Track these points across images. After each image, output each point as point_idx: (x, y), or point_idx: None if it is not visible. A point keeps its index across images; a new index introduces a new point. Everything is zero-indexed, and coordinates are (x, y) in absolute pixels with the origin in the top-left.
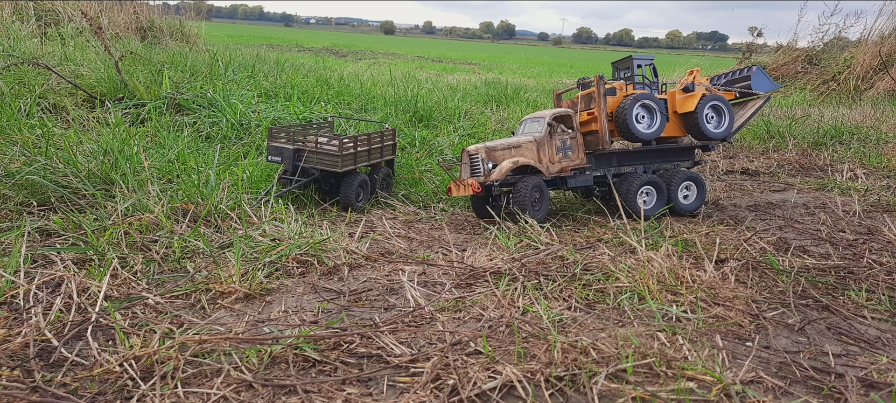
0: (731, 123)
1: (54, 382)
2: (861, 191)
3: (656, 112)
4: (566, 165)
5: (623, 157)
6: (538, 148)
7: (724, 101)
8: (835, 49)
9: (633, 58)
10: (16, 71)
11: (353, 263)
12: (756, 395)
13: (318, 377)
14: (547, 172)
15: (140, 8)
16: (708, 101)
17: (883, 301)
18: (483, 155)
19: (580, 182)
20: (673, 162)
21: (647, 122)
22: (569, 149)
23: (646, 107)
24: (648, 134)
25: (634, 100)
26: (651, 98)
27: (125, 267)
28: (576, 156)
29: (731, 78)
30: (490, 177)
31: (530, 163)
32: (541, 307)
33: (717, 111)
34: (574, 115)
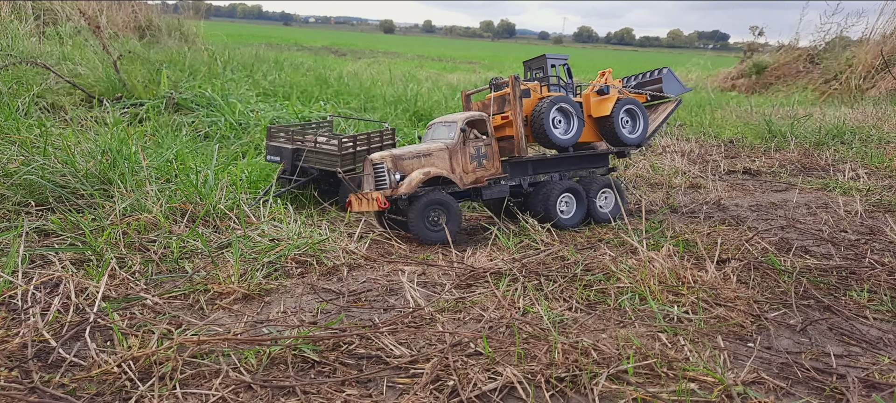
0: (645, 128)
1: (52, 383)
2: (863, 191)
3: (573, 116)
4: (481, 175)
5: (539, 165)
6: (451, 156)
7: (639, 105)
8: (836, 48)
9: (547, 57)
10: (14, 70)
11: (352, 263)
12: (758, 396)
13: (318, 378)
14: (461, 183)
15: (138, 7)
16: (623, 105)
17: (885, 301)
18: (389, 164)
19: (496, 193)
20: (588, 168)
21: (565, 127)
22: (484, 157)
23: (563, 111)
24: (566, 139)
25: (551, 103)
26: (568, 101)
27: (123, 268)
28: (491, 164)
29: (642, 80)
30: (398, 191)
31: (442, 174)
32: (541, 307)
33: (631, 115)
34: (489, 120)
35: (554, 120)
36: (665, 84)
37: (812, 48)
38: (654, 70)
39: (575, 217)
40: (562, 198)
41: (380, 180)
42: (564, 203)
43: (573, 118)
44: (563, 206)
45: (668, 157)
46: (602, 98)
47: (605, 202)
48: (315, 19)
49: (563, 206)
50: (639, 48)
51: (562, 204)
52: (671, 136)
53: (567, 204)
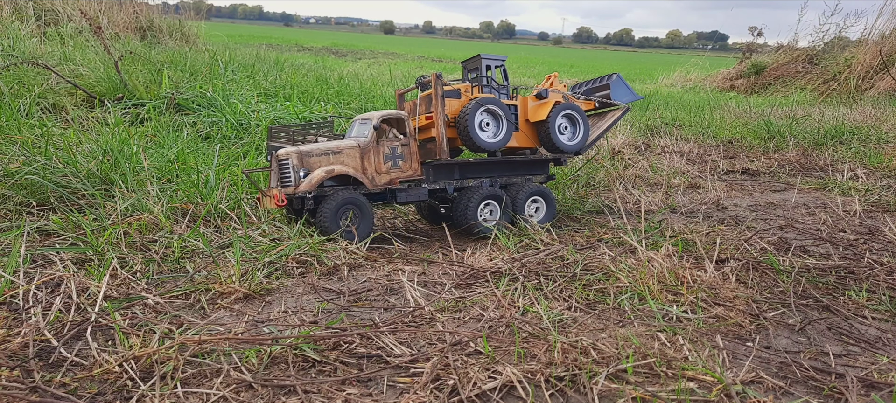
0: (585, 135)
1: (54, 382)
2: (862, 190)
3: (502, 119)
4: (396, 176)
5: (466, 169)
6: (362, 155)
7: (579, 111)
8: (835, 49)
9: (482, 57)
10: (15, 70)
11: (352, 263)
12: (756, 395)
13: (318, 377)
14: (371, 184)
15: (139, 7)
16: (561, 110)
17: (883, 301)
18: (294, 161)
19: (412, 196)
20: (524, 175)
21: (493, 130)
22: (400, 157)
23: (491, 114)
24: (493, 143)
25: (477, 104)
26: (497, 103)
27: (125, 267)
28: (408, 165)
29: (591, 86)
30: (299, 188)
31: (349, 173)
32: (541, 307)
33: (571, 121)
34: (407, 119)
35: (481, 122)
36: (613, 90)
37: (811, 48)
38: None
39: (497, 224)
40: (484, 205)
41: (285, 176)
42: (488, 210)
43: (502, 121)
44: (487, 214)
45: (668, 157)
46: (540, 102)
47: (536, 211)
48: (316, 20)
49: (487, 214)
50: (638, 49)
51: (484, 211)
52: (670, 137)
53: (491, 212)
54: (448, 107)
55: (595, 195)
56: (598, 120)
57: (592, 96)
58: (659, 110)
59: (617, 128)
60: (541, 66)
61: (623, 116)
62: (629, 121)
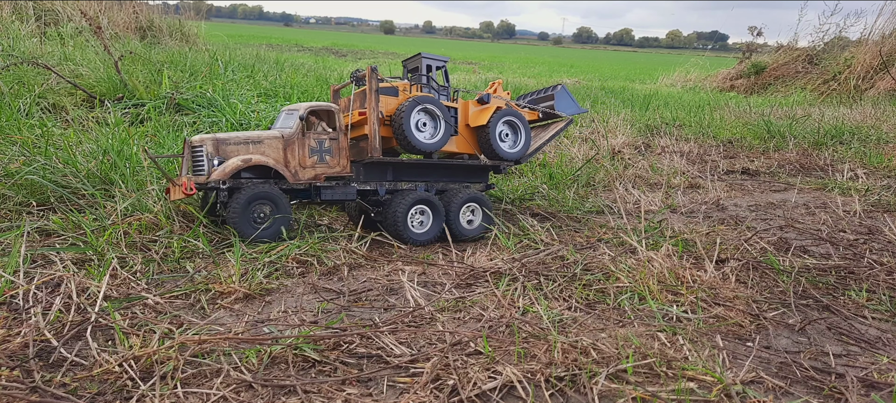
0: (526, 143)
1: (54, 382)
2: (861, 190)
3: (440, 120)
4: (322, 172)
5: (401, 170)
6: (286, 146)
7: (521, 118)
8: (835, 49)
9: (423, 56)
10: (15, 70)
11: (352, 263)
12: (756, 395)
13: (318, 377)
14: (293, 178)
15: (139, 8)
16: (502, 116)
17: (883, 301)
18: (209, 148)
19: (339, 195)
20: (463, 181)
21: (430, 131)
22: (327, 152)
23: (429, 114)
24: (429, 144)
25: (414, 103)
26: (435, 103)
27: (125, 268)
28: (336, 161)
29: (536, 97)
30: (211, 177)
31: (269, 164)
32: (541, 307)
33: (512, 128)
34: (338, 113)
35: (418, 122)
36: (557, 101)
37: (811, 48)
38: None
39: (429, 232)
40: (414, 210)
41: (197, 164)
42: (420, 214)
43: (440, 122)
44: (419, 218)
45: (667, 157)
46: (481, 107)
47: (472, 218)
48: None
49: (419, 218)
50: (638, 49)
51: (415, 215)
52: (670, 137)
53: (423, 217)
54: (384, 105)
55: (595, 195)
56: (542, 131)
57: (537, 106)
58: (659, 110)
59: (617, 129)
60: (541, 66)
61: (565, 128)
62: (629, 121)
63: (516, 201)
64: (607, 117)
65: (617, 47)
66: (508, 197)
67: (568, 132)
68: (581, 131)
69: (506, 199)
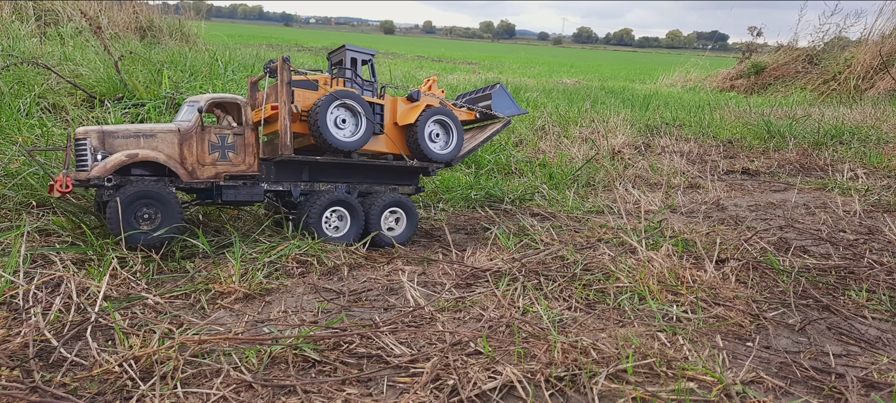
0: (458, 144)
1: (54, 382)
2: (861, 190)
3: (361, 117)
4: (224, 170)
5: (319, 170)
6: (182, 141)
7: (453, 118)
8: (835, 49)
9: (347, 48)
10: (15, 70)
11: (352, 263)
12: (756, 395)
13: (318, 377)
14: (190, 176)
15: (139, 8)
16: (432, 115)
17: (883, 301)
18: (94, 141)
19: (244, 196)
20: (390, 184)
21: (351, 129)
22: (230, 148)
23: (349, 110)
24: (348, 142)
25: (331, 97)
26: (356, 98)
27: (125, 267)
28: (241, 159)
29: (474, 96)
30: (91, 173)
31: (159, 160)
32: (541, 307)
33: (444, 128)
34: (244, 106)
35: (337, 119)
36: (495, 101)
37: (811, 48)
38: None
39: (346, 237)
40: (330, 212)
41: (80, 159)
42: (337, 217)
43: (361, 119)
44: (335, 222)
45: (667, 157)
46: (410, 105)
47: (394, 223)
48: (316, 20)
49: (335, 222)
50: (638, 49)
51: (331, 218)
52: (670, 137)
53: (339, 221)
54: (302, 100)
55: (595, 195)
56: (479, 132)
57: (474, 106)
58: (659, 110)
59: (617, 129)
60: (541, 67)
61: (502, 130)
62: (629, 122)
63: (516, 201)
64: (607, 117)
65: (617, 47)
66: (508, 197)
67: (568, 132)
68: (581, 131)
69: (506, 199)
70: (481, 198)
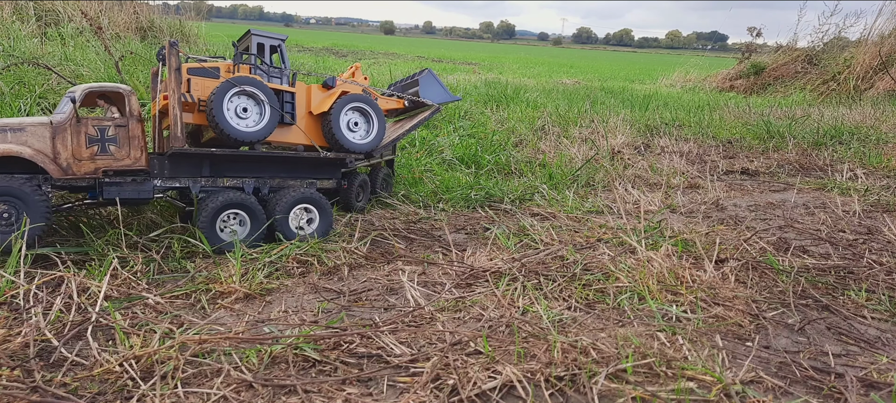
0: (379, 134)
1: (54, 382)
2: (861, 191)
3: (265, 105)
4: (105, 165)
5: (222, 164)
6: (55, 135)
7: (373, 106)
8: (835, 49)
9: (253, 33)
10: (16, 71)
11: (353, 263)
12: (756, 395)
13: (318, 377)
14: (63, 172)
15: (140, 8)
16: (349, 102)
17: (883, 301)
18: None
19: (129, 193)
20: (306, 177)
21: (254, 119)
22: (111, 141)
23: (252, 98)
24: (249, 133)
25: (228, 85)
26: (258, 85)
27: (125, 267)
28: (125, 153)
29: (402, 83)
30: None
31: (23, 155)
32: (541, 307)
33: (364, 116)
34: (129, 96)
35: (237, 108)
36: (422, 88)
37: (810, 49)
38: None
39: (247, 238)
40: (227, 214)
41: None
42: (235, 221)
43: (264, 108)
44: (233, 225)
45: (667, 158)
46: (326, 93)
47: (306, 223)
48: (316, 20)
49: (233, 225)
50: (638, 49)
51: (228, 220)
52: (670, 137)
53: (238, 224)
54: (202, 88)
55: (595, 195)
56: (408, 120)
57: (404, 94)
58: (658, 110)
59: (617, 129)
60: (540, 67)
61: (431, 117)
62: (629, 122)
63: (516, 201)
64: (607, 117)
65: (616, 48)
66: (508, 197)
67: (568, 133)
68: (581, 131)
69: (506, 199)
70: (481, 197)
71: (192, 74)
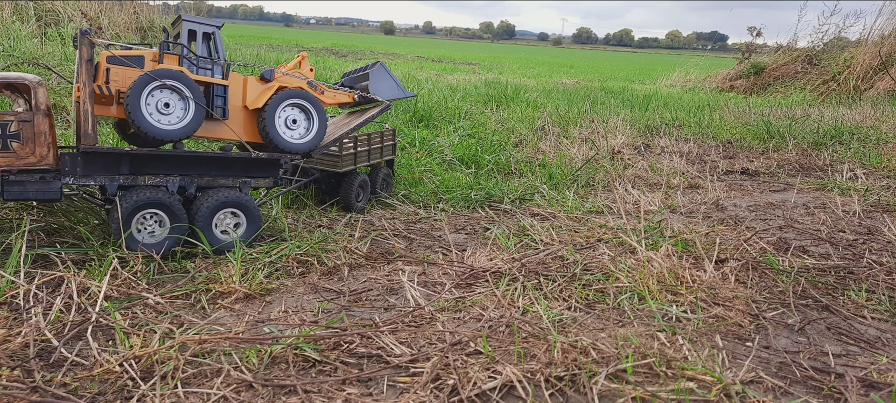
0: (320, 132)
1: (54, 382)
2: (861, 191)
3: (189, 100)
4: (7, 163)
5: (142, 163)
6: None
7: (313, 101)
8: (835, 49)
9: (183, 19)
10: (16, 71)
11: (353, 263)
12: (756, 395)
13: (318, 377)
14: None
15: (140, 8)
16: (288, 98)
17: (883, 301)
18: None
19: (34, 193)
20: (239, 176)
21: (178, 114)
22: (13, 137)
23: (176, 92)
24: (171, 131)
25: (147, 78)
26: (181, 78)
27: (125, 267)
28: (30, 150)
29: (353, 75)
30: None
31: None
32: (541, 307)
33: (304, 113)
34: (36, 87)
35: (159, 102)
36: (372, 82)
37: (810, 49)
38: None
39: (165, 243)
40: (144, 214)
41: None
42: (154, 221)
43: (188, 103)
44: (151, 226)
45: (667, 158)
46: (264, 86)
47: (233, 227)
48: (316, 20)
49: (151, 226)
50: (637, 49)
51: (146, 220)
52: (670, 137)
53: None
54: (123, 79)
55: (595, 195)
56: (356, 116)
57: (353, 88)
58: (658, 111)
59: (617, 129)
60: (541, 66)
61: (381, 113)
62: (629, 122)
63: (516, 201)
64: (607, 118)
65: (616, 48)
66: (508, 197)
67: (568, 133)
68: (581, 131)
69: (506, 199)
70: (481, 198)
71: (111, 64)
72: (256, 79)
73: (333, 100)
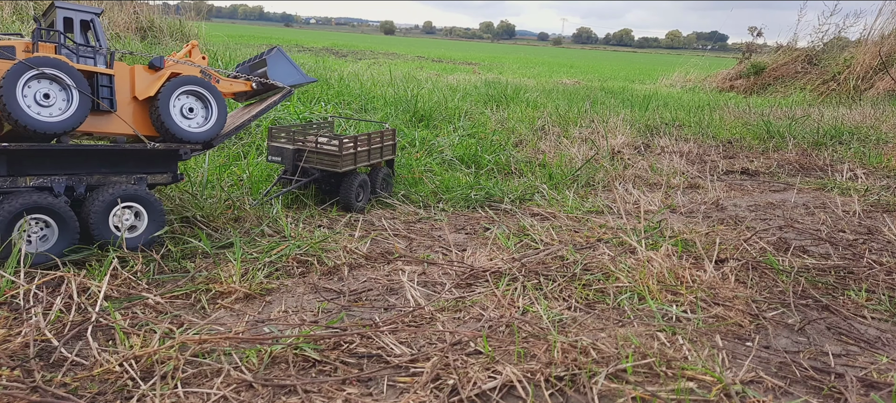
0: (220, 121)
1: (54, 382)
2: (861, 191)
3: (72, 90)
4: None
5: (22, 161)
6: None
7: (210, 89)
8: (835, 49)
9: (57, 6)
10: None
11: (353, 263)
12: (756, 395)
13: (318, 377)
14: None
15: (140, 8)
16: (181, 85)
17: (883, 301)
18: None
19: None
20: (134, 172)
21: (60, 105)
22: None
23: (55, 81)
24: (54, 124)
25: (22, 67)
26: (62, 67)
27: (125, 267)
28: None
29: (250, 63)
30: None
31: None
32: (541, 307)
33: (201, 101)
34: None
35: (36, 94)
36: (271, 68)
37: (810, 49)
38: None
39: (54, 249)
40: (27, 220)
41: None
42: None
43: (71, 92)
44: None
45: (667, 158)
46: (154, 75)
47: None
48: (316, 20)
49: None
50: (637, 49)
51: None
52: (670, 137)
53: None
54: None
55: (595, 195)
56: (257, 105)
57: (251, 75)
58: (658, 111)
59: (617, 129)
60: (541, 66)
61: (282, 100)
62: (629, 122)
63: (516, 201)
64: (607, 117)
65: (616, 48)
66: (508, 197)
67: (568, 133)
68: (581, 131)
69: (506, 199)
70: (481, 198)
71: None
72: (144, 67)
73: (230, 88)
